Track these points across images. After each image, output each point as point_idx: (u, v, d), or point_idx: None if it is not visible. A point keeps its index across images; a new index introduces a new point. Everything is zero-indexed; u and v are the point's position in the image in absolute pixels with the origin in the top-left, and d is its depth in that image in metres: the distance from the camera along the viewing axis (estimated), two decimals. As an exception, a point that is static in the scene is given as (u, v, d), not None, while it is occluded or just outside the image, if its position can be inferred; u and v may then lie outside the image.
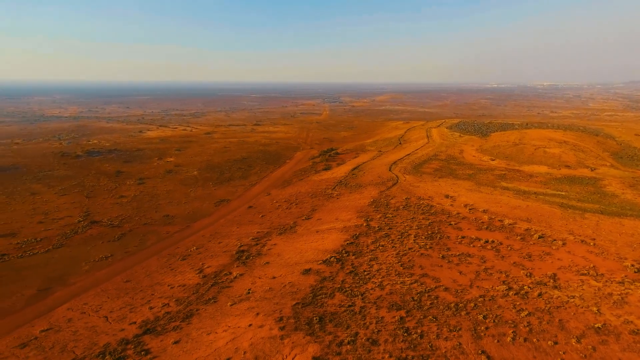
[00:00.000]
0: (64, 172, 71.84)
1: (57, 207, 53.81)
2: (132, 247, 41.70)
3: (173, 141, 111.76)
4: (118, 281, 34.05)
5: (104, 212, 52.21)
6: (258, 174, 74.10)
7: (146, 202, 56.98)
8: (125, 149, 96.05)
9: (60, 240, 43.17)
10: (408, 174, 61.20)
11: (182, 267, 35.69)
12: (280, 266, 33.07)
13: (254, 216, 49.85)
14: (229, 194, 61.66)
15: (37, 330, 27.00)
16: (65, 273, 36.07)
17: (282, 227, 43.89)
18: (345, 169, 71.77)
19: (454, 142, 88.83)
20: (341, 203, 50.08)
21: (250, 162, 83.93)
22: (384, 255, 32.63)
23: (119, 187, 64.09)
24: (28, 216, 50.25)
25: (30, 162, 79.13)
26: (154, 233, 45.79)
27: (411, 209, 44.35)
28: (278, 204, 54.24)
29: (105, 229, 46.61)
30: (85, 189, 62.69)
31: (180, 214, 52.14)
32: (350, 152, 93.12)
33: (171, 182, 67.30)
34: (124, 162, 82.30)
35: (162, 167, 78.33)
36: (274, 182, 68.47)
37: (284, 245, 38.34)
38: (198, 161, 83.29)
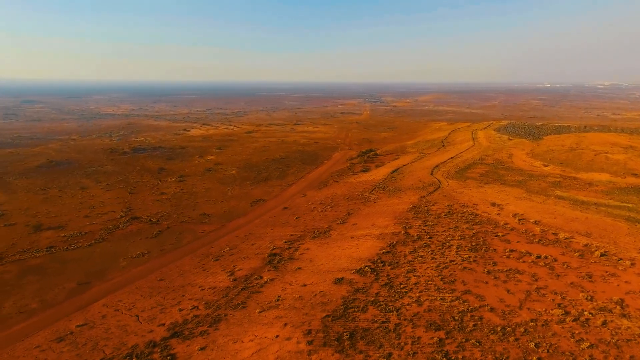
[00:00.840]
0: (111, 168, 75.12)
1: (102, 202, 55.99)
2: (168, 245, 42.18)
3: (215, 140, 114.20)
4: (152, 279, 34.31)
5: (145, 209, 53.58)
6: (295, 175, 73.47)
7: (185, 199, 57.94)
8: (169, 147, 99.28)
9: (102, 235, 44.59)
10: (451, 178, 57.87)
11: (214, 268, 35.40)
12: (311, 273, 31.78)
13: (289, 218, 49.01)
14: (265, 193, 61.40)
15: (74, 325, 27.53)
16: (104, 268, 36.98)
17: (316, 231, 42.63)
18: (384, 171, 69.39)
19: (502, 146, 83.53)
20: (378, 208, 48.04)
21: (288, 162, 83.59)
22: (423, 267, 30.40)
23: (160, 184, 65.85)
24: (76, 210, 52.60)
25: (82, 157, 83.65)
26: (190, 231, 46.18)
27: (454, 217, 41.50)
28: (313, 205, 53.10)
29: (145, 225, 47.66)
30: (129, 184, 64.98)
31: (216, 213, 52.41)
32: (390, 154, 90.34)
33: (210, 181, 68.24)
34: (167, 159, 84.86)
35: (202, 165, 79.86)
36: (310, 183, 67.49)
37: (317, 250, 37.04)
38: (237, 160, 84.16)
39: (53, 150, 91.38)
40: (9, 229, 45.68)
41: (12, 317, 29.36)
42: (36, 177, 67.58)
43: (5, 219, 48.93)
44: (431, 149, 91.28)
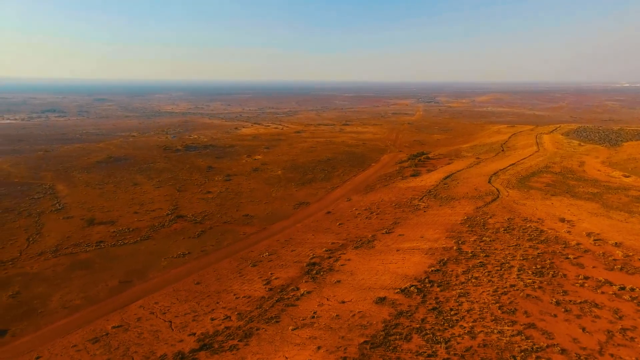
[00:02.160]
0: (163, 165, 77.67)
1: (151, 199, 57.51)
2: (209, 246, 41.81)
3: (264, 139, 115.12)
4: (189, 282, 33.81)
5: (190, 207, 54.13)
6: (341, 177, 71.22)
7: (229, 199, 57.93)
8: (219, 145, 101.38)
9: (148, 233, 45.35)
10: (512, 188, 52.50)
11: (251, 275, 34.17)
12: (351, 288, 29.38)
13: (332, 224, 46.89)
14: (309, 196, 59.79)
15: (110, 326, 27.45)
16: (145, 267, 37.21)
17: (359, 240, 40.09)
18: (436, 176, 64.99)
19: (571, 152, 75.29)
20: (428, 218, 44.41)
21: (334, 163, 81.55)
22: (478, 291, 26.83)
23: (207, 182, 66.68)
24: (127, 205, 54.37)
25: (138, 154, 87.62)
26: (232, 232, 45.63)
27: (515, 232, 37.00)
28: (358, 211, 50.54)
29: (188, 225, 47.92)
30: (178, 182, 66.47)
31: (259, 214, 51.62)
32: (443, 158, 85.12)
33: (255, 181, 68.01)
34: (216, 157, 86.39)
35: (249, 164, 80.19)
36: (356, 187, 64.89)
37: (359, 262, 34.53)
38: (283, 160, 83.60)
39: (114, 146, 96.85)
40: (67, 222, 47.97)
41: (57, 311, 30.03)
42: (96, 172, 71.43)
43: (65, 211, 51.61)
44: (489, 153, 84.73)
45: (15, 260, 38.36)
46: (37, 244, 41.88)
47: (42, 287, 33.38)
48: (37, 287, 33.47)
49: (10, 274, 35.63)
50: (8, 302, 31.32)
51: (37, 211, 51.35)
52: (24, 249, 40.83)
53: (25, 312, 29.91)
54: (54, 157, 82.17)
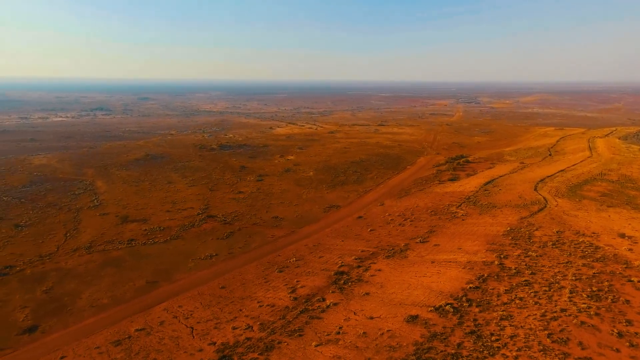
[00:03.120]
0: (198, 164, 78.66)
1: (184, 197, 58.01)
2: (237, 249, 41.16)
3: (297, 139, 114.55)
4: (214, 286, 33.14)
5: (221, 207, 54.00)
6: (374, 180, 68.93)
7: (260, 200, 57.35)
8: (253, 145, 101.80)
9: (178, 232, 45.45)
10: (561, 197, 48.22)
11: (277, 282, 32.99)
12: (381, 303, 27.42)
13: (362, 229, 44.94)
14: (341, 199, 58.07)
15: (133, 329, 27.14)
16: (172, 267, 37.04)
17: (391, 249, 37.91)
18: (476, 182, 61.25)
19: (631, 158, 68.68)
20: (467, 227, 41.42)
21: (367, 165, 79.28)
22: (523, 314, 24.08)
23: (239, 182, 66.59)
24: (160, 204, 55.09)
25: (175, 152, 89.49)
26: (260, 235, 44.82)
27: (565, 248, 33.47)
28: (391, 217, 48.23)
29: (218, 225, 47.64)
30: (211, 181, 66.86)
31: (288, 217, 50.56)
32: (483, 161, 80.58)
33: (287, 182, 67.16)
34: (249, 157, 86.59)
35: (281, 165, 79.60)
36: (390, 191, 62.40)
37: (390, 273, 32.44)
38: (316, 161, 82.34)
39: (152, 144, 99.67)
40: (102, 219, 49.13)
41: (85, 310, 30.24)
42: (134, 169, 73.43)
43: (102, 208, 53.00)
44: (534, 158, 79.23)
45: (52, 255, 39.45)
46: (74, 240, 42.99)
47: (74, 284, 33.90)
48: (69, 283, 34.03)
49: (46, 269, 36.57)
50: (42, 297, 31.98)
51: (77, 207, 53.07)
52: (61, 244, 42.00)
53: (55, 309, 30.34)
54: (96, 154, 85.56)
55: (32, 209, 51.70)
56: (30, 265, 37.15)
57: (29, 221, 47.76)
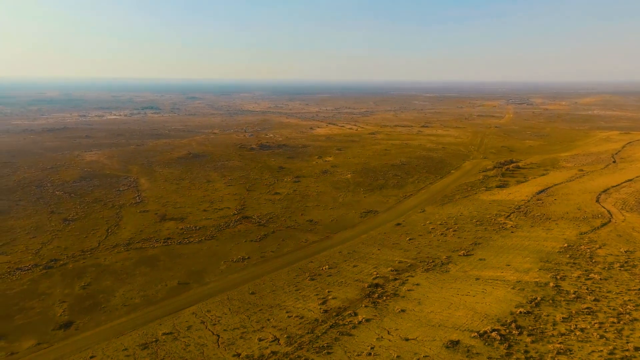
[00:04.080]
0: (237, 163, 79.31)
1: (221, 197, 58.29)
2: (269, 252, 40.26)
3: (337, 140, 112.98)
4: (244, 291, 32.30)
5: (257, 208, 53.57)
6: (415, 184, 65.83)
7: (296, 201, 56.36)
8: (292, 145, 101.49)
9: (213, 232, 45.39)
10: (630, 211, 43.00)
11: (307, 290, 31.56)
12: (418, 322, 25.14)
13: (401, 237, 42.49)
14: (379, 204, 55.74)
15: (161, 332, 26.77)
16: (204, 269, 36.74)
17: (431, 261, 35.27)
18: (528, 190, 56.57)
19: None
20: (517, 240, 37.81)
21: (408, 168, 76.10)
22: (585, 349, 20.92)
23: (277, 183, 66.08)
24: (198, 202, 55.64)
25: (216, 151, 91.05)
26: (294, 239, 43.69)
27: (637, 271, 29.31)
28: (432, 226, 45.33)
29: (253, 226, 47.12)
30: (249, 181, 66.91)
31: (323, 221, 49.10)
32: (536, 168, 74.77)
33: (324, 184, 65.76)
34: (287, 157, 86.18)
35: (319, 166, 78.36)
36: (432, 196, 59.14)
37: (429, 288, 29.97)
38: (354, 163, 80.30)
39: (195, 143, 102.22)
40: (142, 216, 50.28)
41: (117, 309, 30.46)
42: (175, 167, 75.28)
43: (143, 205, 54.36)
44: (595, 165, 72.27)
45: (93, 250, 40.62)
46: (114, 236, 44.12)
47: (110, 281, 34.45)
48: (106, 280, 34.64)
49: (87, 264, 37.60)
50: (79, 292, 32.70)
51: (120, 203, 54.81)
52: (103, 240, 43.23)
53: (90, 306, 30.81)
54: (142, 152, 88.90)
55: (80, 203, 54.02)
56: (73, 260, 38.37)
57: (76, 215, 49.83)
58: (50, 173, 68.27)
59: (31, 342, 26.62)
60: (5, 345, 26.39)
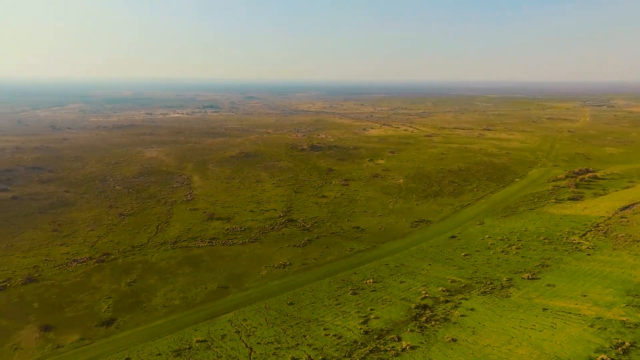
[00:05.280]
0: (287, 164, 78.94)
1: (269, 197, 57.84)
2: (311, 260, 38.63)
3: (391, 141, 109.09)
4: (282, 301, 30.91)
5: (303, 211, 52.30)
6: (474, 192, 60.77)
7: (343, 206, 54.29)
8: (343, 146, 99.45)
9: (257, 234, 44.76)
10: None
11: (348, 306, 29.39)
12: (471, 357, 21.95)
13: (455, 252, 38.76)
14: (432, 213, 51.93)
15: (195, 339, 26.08)
16: (245, 273, 35.97)
17: (489, 283, 31.44)
18: (608, 204, 49.56)
19: None
20: (595, 266, 32.62)
21: (467, 175, 70.74)
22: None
23: (324, 185, 64.46)
24: (245, 203, 55.62)
25: (267, 150, 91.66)
26: (338, 246, 41.68)
27: None
28: (492, 241, 40.96)
29: (297, 231, 45.84)
30: (297, 182, 66.00)
31: (370, 228, 46.54)
32: (618, 179, 65.94)
33: (373, 188, 62.97)
34: (337, 159, 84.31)
35: (370, 169, 75.56)
36: (493, 207, 54.01)
37: (486, 315, 26.42)
38: (407, 167, 76.40)
39: (249, 142, 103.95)
40: (191, 214, 51.11)
41: (157, 309, 30.49)
42: (228, 166, 76.61)
43: (193, 203, 55.44)
44: (695, 178, 61.96)
45: (142, 246, 41.67)
46: (163, 233, 45.08)
47: (154, 279, 34.82)
48: (150, 278, 35.08)
49: (135, 260, 38.51)
50: (124, 289, 33.33)
51: (172, 200, 56.38)
52: (152, 236, 44.31)
53: (133, 304, 31.15)
54: (198, 150, 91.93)
55: (136, 199, 56.36)
56: (123, 255, 39.55)
57: (131, 211, 51.87)
58: (114, 168, 72.52)
59: (75, 337, 27.24)
60: (53, 337, 27.25)
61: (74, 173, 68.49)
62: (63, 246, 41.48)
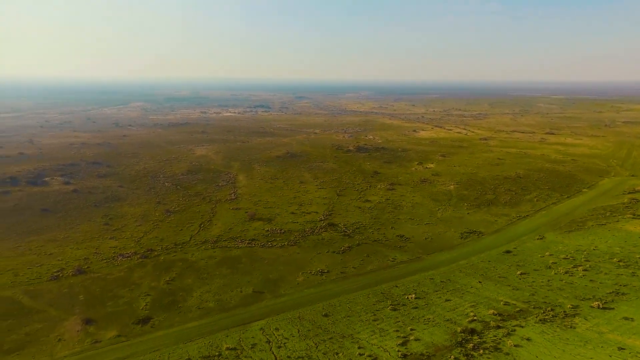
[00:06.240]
0: (331, 166, 77.51)
1: (311, 200, 56.74)
2: (350, 268, 36.83)
3: (442, 144, 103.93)
4: (318, 311, 29.47)
5: (345, 215, 50.58)
6: (533, 203, 55.46)
7: (387, 212, 51.80)
8: (391, 148, 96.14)
9: (296, 238, 43.75)
10: None
11: (387, 323, 27.27)
12: (526, 400, 19.04)
13: (510, 270, 35.06)
14: (485, 223, 47.92)
15: (225, 346, 25.38)
16: (282, 278, 34.99)
17: (550, 309, 27.75)
18: (699, 224, 42.66)
19: None
20: (684, 299, 27.66)
21: (526, 183, 64.97)
22: None
23: (369, 189, 62.18)
24: (287, 204, 54.96)
25: (313, 151, 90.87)
26: (379, 255, 39.47)
27: None
28: (553, 260, 36.63)
29: (337, 236, 44.22)
30: (340, 185, 64.34)
31: (416, 237, 43.77)
32: None
33: (420, 194, 59.65)
34: (384, 162, 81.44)
35: (418, 173, 71.99)
36: (555, 220, 48.77)
37: (545, 348, 23.10)
38: (459, 172, 71.83)
39: (296, 142, 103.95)
40: (233, 213, 51.32)
41: (191, 310, 30.33)
42: (273, 166, 76.76)
43: (236, 202, 55.78)
44: None
45: (184, 244, 42.23)
46: (205, 232, 45.50)
47: (191, 279, 34.90)
48: (188, 277, 35.21)
49: (176, 258, 39.02)
50: (163, 287, 33.67)
51: (216, 198, 57.14)
52: (195, 234, 44.87)
53: (169, 303, 31.26)
54: (246, 149, 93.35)
55: (182, 196, 57.81)
56: (165, 252, 40.27)
57: (177, 208, 53.16)
58: (165, 165, 75.41)
59: (113, 333, 27.69)
60: (93, 332, 27.90)
61: (129, 169, 72.06)
62: (112, 240, 43.17)
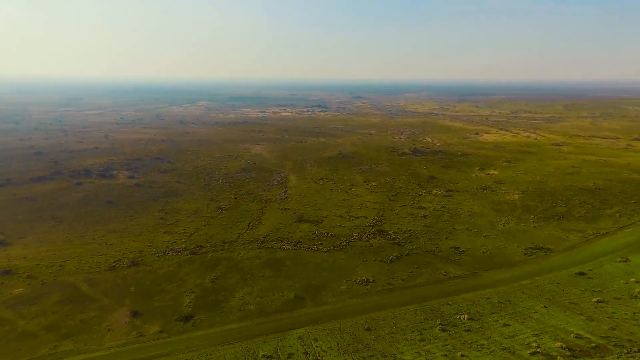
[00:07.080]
0: (384, 168, 74.83)
1: (361, 204, 54.91)
2: (398, 280, 34.62)
3: (507, 149, 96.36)
4: (359, 324, 27.84)
5: (395, 222, 48.15)
6: (615, 218, 48.83)
7: (442, 221, 48.47)
8: (450, 152, 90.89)
9: (343, 243, 42.31)
10: None
11: (434, 345, 24.93)
12: None
13: (584, 296, 30.69)
14: (554, 239, 42.90)
15: (262, 353, 24.75)
16: (324, 285, 33.76)
17: (637, 349, 23.52)
18: None
19: None
20: None
21: (606, 195, 57.57)
22: None
23: (423, 195, 58.83)
24: (336, 207, 53.65)
25: (366, 153, 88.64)
26: (431, 268, 36.75)
27: None
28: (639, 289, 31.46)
29: (386, 243, 42.06)
30: (393, 189, 61.65)
31: (472, 250, 40.27)
32: None
33: (480, 203, 55.18)
34: (441, 166, 77.01)
35: (478, 180, 66.94)
36: (643, 241, 42.33)
37: (627, 400, 19.41)
38: (525, 181, 65.65)
39: (349, 143, 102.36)
40: (282, 214, 51.10)
41: (232, 312, 30.15)
42: (324, 167, 75.91)
43: (285, 203, 55.59)
44: None
45: (232, 243, 42.64)
46: (253, 231, 45.67)
47: (235, 279, 34.90)
48: (232, 277, 35.26)
49: (222, 256, 39.41)
50: (207, 285, 33.98)
51: (267, 198, 57.43)
52: (243, 233, 45.19)
53: (212, 302, 31.37)
54: (299, 149, 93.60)
55: (234, 194, 58.88)
56: (213, 249, 40.88)
57: (229, 205, 54.15)
58: (221, 162, 77.75)
59: (156, 328, 28.24)
60: (139, 325, 28.69)
61: (187, 165, 75.27)
62: (166, 234, 44.81)
